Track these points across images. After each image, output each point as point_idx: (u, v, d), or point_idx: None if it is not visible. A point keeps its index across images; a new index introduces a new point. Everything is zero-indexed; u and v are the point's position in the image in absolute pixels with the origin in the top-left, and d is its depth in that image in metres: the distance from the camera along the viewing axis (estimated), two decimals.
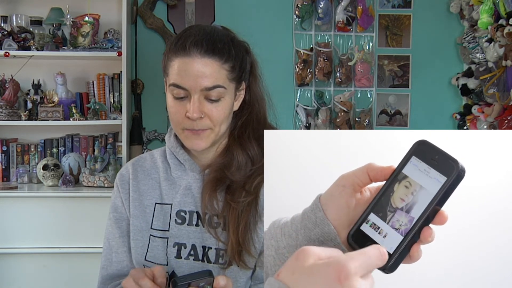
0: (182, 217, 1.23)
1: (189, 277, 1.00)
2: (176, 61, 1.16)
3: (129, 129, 3.22)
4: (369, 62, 3.48)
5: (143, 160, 1.32)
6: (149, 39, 3.40)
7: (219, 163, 1.23)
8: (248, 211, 1.19)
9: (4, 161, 3.19)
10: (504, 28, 2.88)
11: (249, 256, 1.18)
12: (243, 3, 3.47)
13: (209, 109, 1.17)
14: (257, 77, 1.29)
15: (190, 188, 1.24)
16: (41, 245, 2.84)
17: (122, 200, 1.29)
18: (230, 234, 1.18)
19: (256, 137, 1.25)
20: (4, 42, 3.01)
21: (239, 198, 1.19)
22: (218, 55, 1.15)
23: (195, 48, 1.14)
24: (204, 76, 1.14)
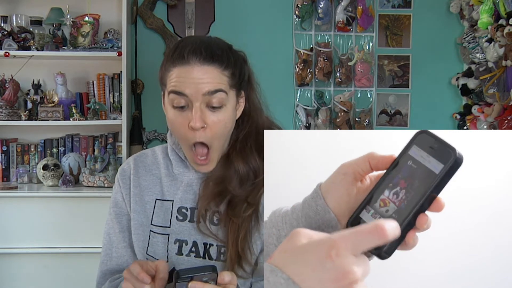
0: (184, 213, 1.23)
1: (192, 271, 1.00)
2: (174, 71, 1.15)
3: (129, 129, 3.22)
4: (369, 62, 3.48)
5: (145, 156, 1.32)
6: (149, 39, 3.40)
7: (220, 176, 1.22)
8: (249, 222, 1.18)
9: (4, 161, 3.19)
10: (504, 28, 2.88)
11: (248, 265, 1.18)
12: (243, 3, 3.47)
13: (211, 119, 1.15)
14: (254, 87, 1.28)
15: (191, 185, 1.24)
16: (41, 245, 2.84)
17: (123, 195, 1.29)
18: (229, 246, 1.17)
19: (257, 148, 1.23)
20: (4, 42, 3.01)
21: (240, 212, 1.18)
22: (217, 61, 1.14)
23: (194, 56, 1.13)
24: (205, 81, 1.13)
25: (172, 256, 1.23)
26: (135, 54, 3.38)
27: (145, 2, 3.36)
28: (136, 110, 3.36)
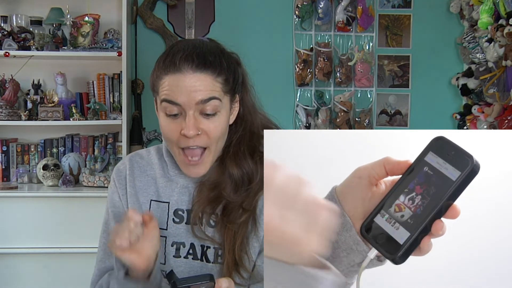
0: (180, 216, 1.23)
1: (189, 280, 0.99)
2: (166, 79, 1.12)
3: (129, 129, 3.22)
4: (369, 62, 3.48)
5: (140, 156, 1.30)
6: (149, 39, 3.40)
7: (215, 181, 1.20)
8: (245, 228, 1.17)
9: (4, 161, 3.19)
10: (504, 28, 2.88)
11: (245, 272, 1.17)
12: (243, 3, 3.47)
13: (206, 126, 1.13)
14: (249, 89, 1.25)
15: (187, 187, 1.23)
16: (41, 245, 2.84)
17: (120, 195, 1.28)
18: (225, 253, 1.16)
19: (250, 152, 1.21)
20: (4, 42, 3.01)
21: (235, 219, 1.17)
22: (210, 68, 1.12)
23: (185, 64, 1.10)
24: (198, 90, 1.10)
25: (170, 258, 1.22)
26: (135, 54, 3.38)
27: (145, 2, 3.36)
28: (136, 110, 3.36)
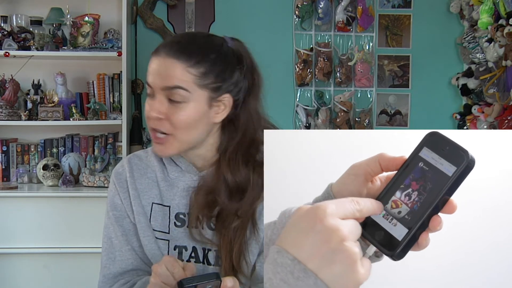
0: (182, 219, 1.22)
1: (196, 279, 1.00)
2: (150, 62, 1.18)
3: (129, 129, 3.22)
4: (369, 62, 3.48)
5: (138, 158, 1.30)
6: (149, 39, 3.40)
7: (211, 186, 1.19)
8: (242, 235, 1.17)
9: (4, 161, 3.19)
10: (504, 28, 2.88)
11: (243, 277, 1.17)
12: (243, 3, 3.47)
13: (170, 111, 1.14)
14: (258, 99, 1.23)
15: (188, 190, 1.23)
16: (41, 245, 2.84)
17: (121, 198, 1.27)
18: (222, 259, 1.17)
19: (245, 160, 1.19)
20: (4, 42, 3.01)
21: (229, 225, 1.17)
22: (184, 57, 1.13)
23: (164, 49, 1.15)
24: (165, 75, 1.13)
25: None
26: (135, 54, 3.38)
27: (145, 2, 3.36)
28: (136, 110, 3.36)
